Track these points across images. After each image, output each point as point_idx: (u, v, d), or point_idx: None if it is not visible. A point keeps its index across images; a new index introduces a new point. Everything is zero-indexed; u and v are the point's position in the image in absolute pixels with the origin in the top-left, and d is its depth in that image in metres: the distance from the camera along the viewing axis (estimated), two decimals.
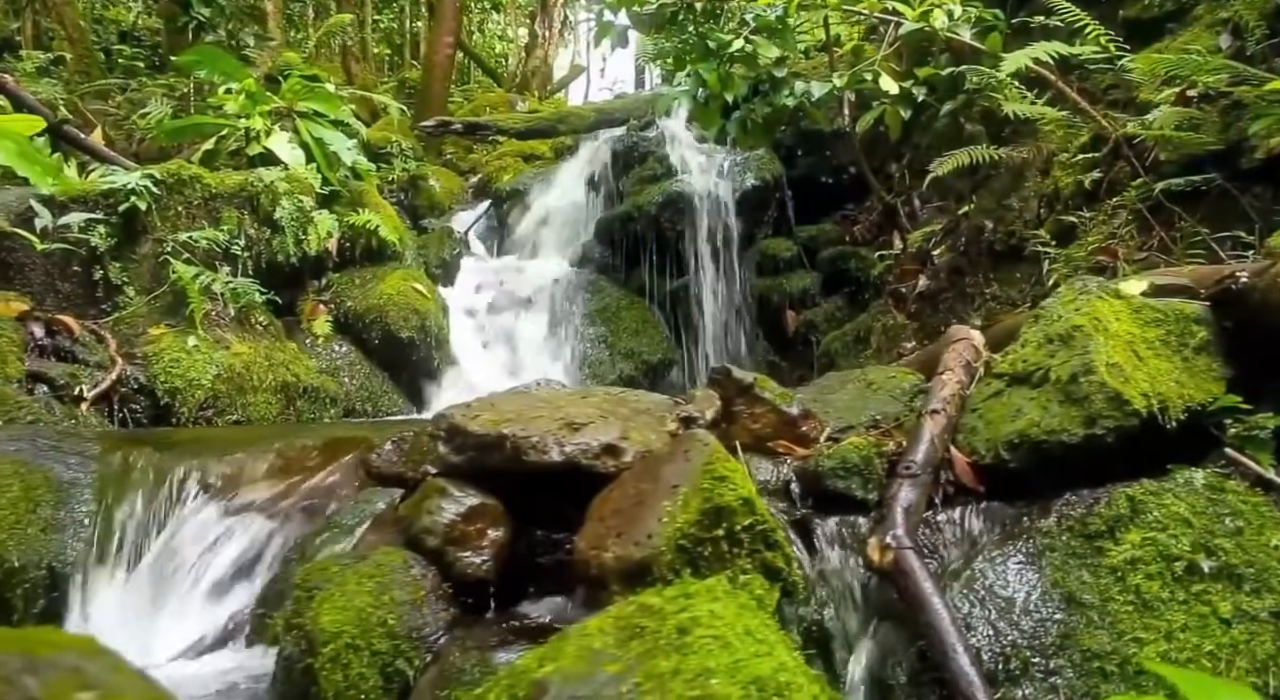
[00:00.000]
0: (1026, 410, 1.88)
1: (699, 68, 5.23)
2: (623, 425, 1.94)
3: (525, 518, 1.98)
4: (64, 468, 2.47)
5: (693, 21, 5.78)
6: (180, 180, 5.10)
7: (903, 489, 1.81)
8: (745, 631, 1.43)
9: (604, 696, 1.35)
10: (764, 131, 5.53)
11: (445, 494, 1.90)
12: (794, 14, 5.21)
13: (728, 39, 5.04)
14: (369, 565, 1.77)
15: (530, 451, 1.86)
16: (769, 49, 5.01)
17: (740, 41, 5.00)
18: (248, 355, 4.79)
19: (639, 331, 6.16)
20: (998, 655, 1.61)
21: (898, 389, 2.37)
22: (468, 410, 2.00)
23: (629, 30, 6.06)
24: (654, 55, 6.86)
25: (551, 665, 1.42)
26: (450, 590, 1.82)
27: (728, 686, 1.33)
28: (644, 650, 1.42)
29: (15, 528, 2.29)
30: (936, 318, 5.40)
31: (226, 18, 7.30)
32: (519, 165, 8.61)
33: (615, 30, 5.90)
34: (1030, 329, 2.08)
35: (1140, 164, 3.96)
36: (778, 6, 5.27)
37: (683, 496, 1.66)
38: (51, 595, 2.28)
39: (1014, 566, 1.71)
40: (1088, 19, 4.16)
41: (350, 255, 5.85)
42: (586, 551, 1.70)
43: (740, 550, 1.65)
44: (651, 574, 1.63)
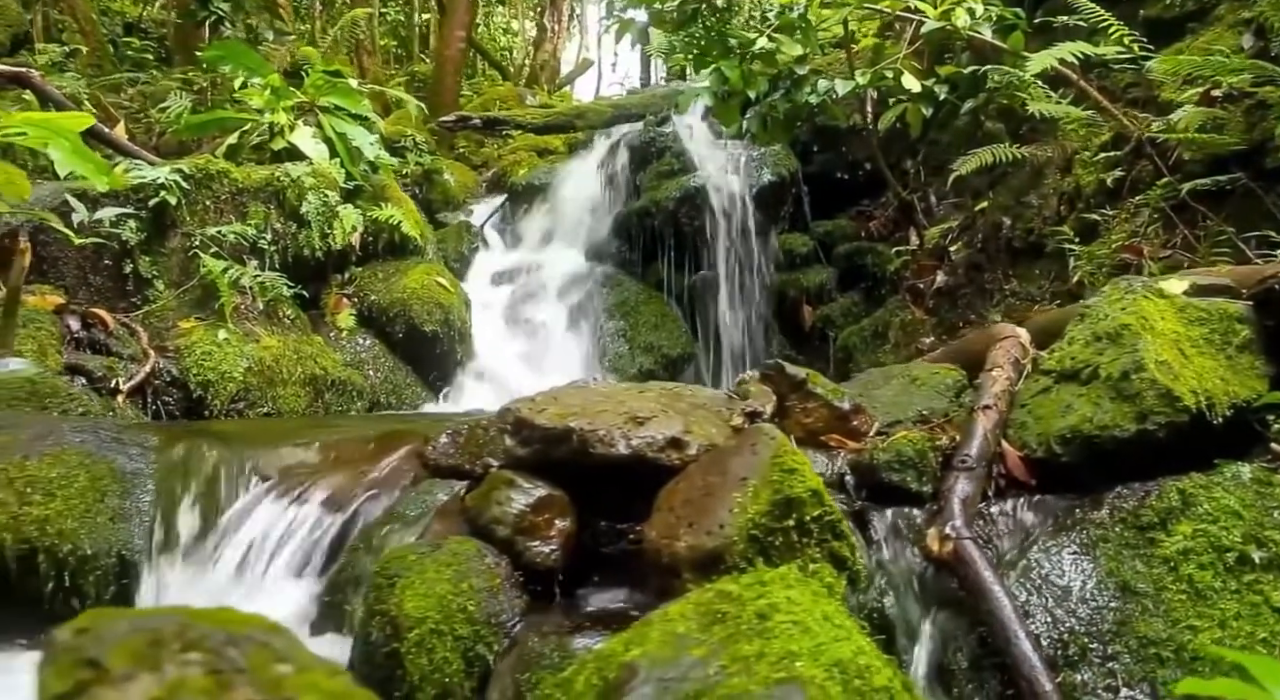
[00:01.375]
0: (1077, 406, 1.95)
1: (721, 65, 5.28)
2: (684, 419, 2.00)
3: (589, 509, 2.04)
4: (126, 459, 2.53)
5: (714, 19, 5.83)
6: (208, 175, 5.14)
7: (959, 481, 1.88)
8: (823, 617, 1.49)
9: (692, 678, 1.42)
10: (784, 128, 5.59)
11: (514, 485, 1.96)
12: (816, 13, 5.26)
13: (751, 37, 5.09)
14: (445, 554, 1.83)
15: (597, 444, 1.93)
16: (792, 47, 5.06)
17: (764, 39, 5.05)
18: (277, 348, 4.85)
19: (658, 326, 6.22)
20: (1056, 641, 1.68)
21: (941, 384, 2.43)
22: (533, 404, 2.06)
23: (648, 27, 6.11)
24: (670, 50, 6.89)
25: (638, 649, 1.48)
26: (521, 579, 1.89)
27: (811, 668, 1.39)
28: (726, 634, 1.48)
29: (85, 516, 2.35)
30: (955, 313, 5.47)
31: (245, 12, 7.33)
32: (533, 160, 8.65)
33: (635, 27, 5.95)
34: (1076, 327, 2.14)
35: (1163, 163, 4.02)
36: (800, 5, 5.32)
37: (752, 488, 1.73)
38: (121, 582, 2.35)
39: (1069, 556, 1.78)
40: (1111, 19, 4.21)
41: (373, 249, 5.90)
42: (658, 541, 1.77)
43: (809, 540, 1.71)
44: (724, 563, 1.69)
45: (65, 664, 0.83)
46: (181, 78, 7.90)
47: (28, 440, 2.46)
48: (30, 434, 2.49)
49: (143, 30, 12.14)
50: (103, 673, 0.80)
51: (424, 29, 15.22)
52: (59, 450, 2.46)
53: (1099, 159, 4.42)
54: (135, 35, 11.61)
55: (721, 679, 1.41)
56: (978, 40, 4.91)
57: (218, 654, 0.81)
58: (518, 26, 19.81)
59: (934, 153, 6.50)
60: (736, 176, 6.78)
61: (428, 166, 8.39)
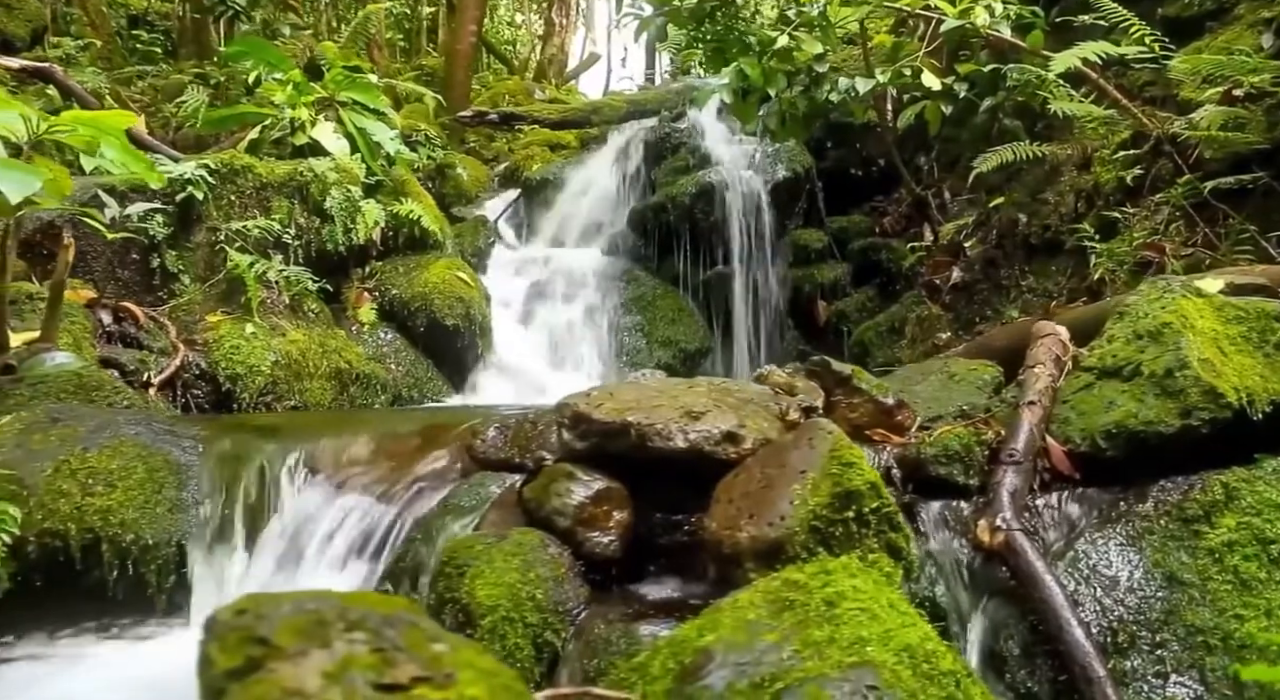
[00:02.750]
0: (1120, 402, 2.01)
1: (741, 62, 5.32)
2: (737, 414, 2.06)
3: (643, 500, 2.10)
4: (180, 451, 2.59)
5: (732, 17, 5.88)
6: (233, 170, 5.19)
7: (1007, 475, 1.94)
8: (889, 604, 1.56)
9: (766, 662, 1.48)
10: (803, 125, 5.64)
11: (573, 478, 2.02)
12: (835, 11, 5.31)
13: (772, 35, 5.13)
14: (510, 544, 1.89)
15: (655, 438, 1.99)
16: (812, 44, 5.11)
17: (784, 37, 5.10)
18: (303, 342, 4.90)
19: (675, 320, 6.28)
20: (1105, 629, 1.75)
21: (979, 380, 2.49)
22: (589, 399, 2.12)
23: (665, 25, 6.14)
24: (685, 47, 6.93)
25: (712, 635, 1.54)
26: (582, 568, 1.95)
27: (882, 653, 1.46)
28: (796, 621, 1.55)
29: (145, 507, 2.41)
30: (971, 309, 5.53)
31: (261, 6, 7.36)
32: (546, 155, 8.69)
33: (655, 24, 5.99)
34: (1116, 325, 2.20)
35: (1183, 161, 4.08)
36: (819, 3, 5.37)
37: (812, 481, 1.79)
38: (180, 571, 2.41)
39: (1115, 547, 1.85)
40: (1132, 18, 4.26)
41: (393, 244, 5.94)
42: (719, 532, 1.83)
43: (868, 531, 1.77)
44: (785, 553, 1.75)
45: (232, 642, 0.88)
46: (196, 71, 7.93)
47: (86, 433, 2.52)
48: (88, 427, 2.55)
49: (149, 23, 12.15)
50: (273, 649, 0.86)
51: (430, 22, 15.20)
52: (117, 442, 2.52)
53: (1118, 157, 4.47)
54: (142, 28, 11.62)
55: (795, 663, 1.47)
56: (996, 38, 4.96)
57: (377, 633, 0.87)
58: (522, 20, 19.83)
59: (947, 149, 6.55)
60: (751, 172, 6.82)
61: (441, 161, 8.44)
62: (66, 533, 2.33)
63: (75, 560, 2.34)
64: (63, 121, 2.96)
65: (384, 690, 0.83)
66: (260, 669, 0.84)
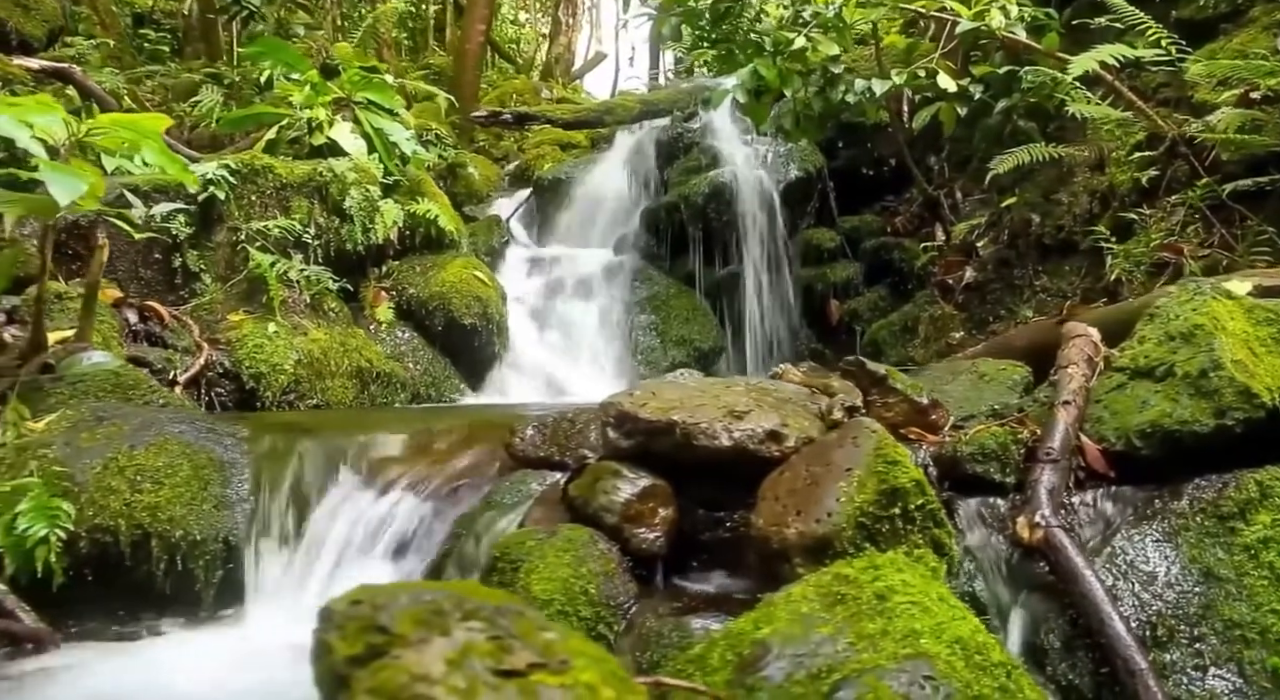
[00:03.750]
0: (1154, 402, 2.05)
1: (757, 63, 5.37)
2: (779, 413, 2.11)
3: (685, 497, 2.15)
4: (223, 449, 2.64)
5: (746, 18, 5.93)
6: (254, 170, 5.24)
7: (1045, 472, 1.99)
8: (939, 598, 1.61)
9: (822, 653, 1.53)
10: (817, 125, 5.69)
11: (619, 475, 2.07)
12: (851, 13, 5.35)
13: (789, 36, 5.17)
14: (561, 540, 1.94)
15: (700, 437, 2.03)
16: (829, 46, 5.15)
17: (801, 39, 5.14)
18: (324, 341, 4.95)
19: (689, 319, 6.33)
20: (1144, 623, 1.79)
21: (1009, 380, 2.54)
22: (633, 398, 2.17)
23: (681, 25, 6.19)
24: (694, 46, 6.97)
25: (768, 627, 1.59)
26: (629, 564, 2.00)
27: (935, 645, 1.51)
28: (849, 614, 1.59)
29: (192, 504, 2.46)
30: (985, 309, 5.57)
31: (276, 6, 7.39)
32: (556, 154, 8.74)
33: (670, 24, 6.04)
34: (1147, 326, 2.25)
35: (1199, 163, 4.12)
36: (835, 4, 5.41)
37: (858, 479, 1.84)
38: (227, 566, 2.46)
39: (1151, 544, 1.89)
40: (1148, 21, 4.30)
41: (410, 243, 5.99)
42: (766, 528, 1.87)
43: (913, 527, 1.82)
44: (833, 549, 1.80)
45: (352, 630, 0.93)
46: (208, 71, 7.96)
47: (132, 431, 2.57)
48: (133, 425, 2.60)
49: (154, 22, 12.17)
50: (395, 638, 0.90)
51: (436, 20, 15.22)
52: (162, 440, 2.56)
53: (1133, 158, 4.51)
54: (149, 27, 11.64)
55: (850, 655, 1.52)
56: (1011, 40, 5.01)
57: (492, 622, 0.92)
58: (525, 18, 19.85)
59: (958, 149, 6.59)
60: (764, 172, 6.87)
61: (452, 160, 8.48)
62: (116, 528, 2.38)
63: (125, 555, 2.38)
64: (102, 124, 3.00)
65: (503, 676, 0.87)
66: (384, 656, 0.89)
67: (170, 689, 2.00)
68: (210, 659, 2.17)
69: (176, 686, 2.01)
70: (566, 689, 0.88)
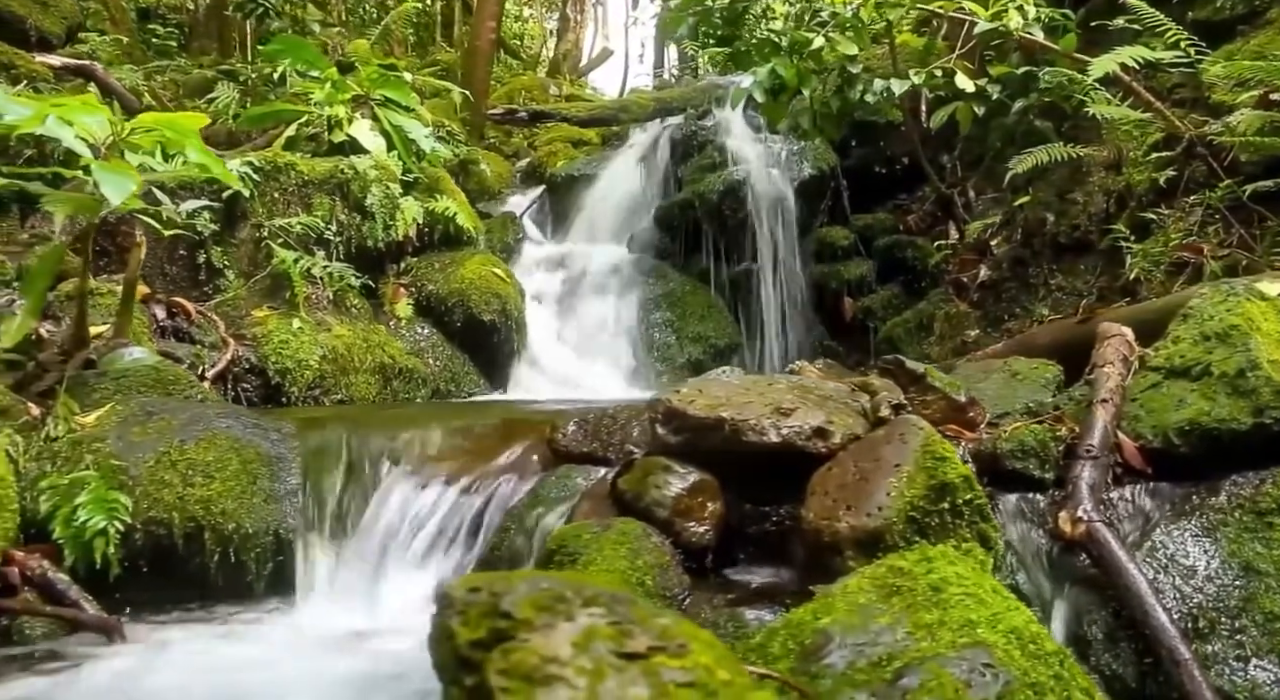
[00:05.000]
0: (1190, 401, 2.11)
1: (775, 63, 5.41)
2: (823, 410, 2.16)
3: (732, 492, 2.20)
4: (269, 443, 2.69)
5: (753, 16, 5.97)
6: (276, 167, 5.28)
7: (1085, 469, 2.04)
8: (992, 589, 1.66)
9: (882, 642, 1.58)
10: (835, 124, 5.74)
11: (670, 470, 2.12)
12: (869, 12, 5.40)
13: (808, 36, 5.22)
14: (615, 533, 1.99)
15: (749, 433, 2.09)
16: (847, 46, 5.20)
17: (820, 39, 5.18)
18: (348, 337, 5.00)
19: (705, 317, 6.38)
20: (1186, 615, 1.85)
21: (1042, 379, 2.59)
22: (680, 396, 2.22)
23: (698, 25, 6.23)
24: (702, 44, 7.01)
25: (827, 617, 1.65)
26: (680, 557, 2.05)
27: (991, 634, 1.56)
28: (905, 605, 1.65)
29: (242, 497, 2.51)
30: (1000, 307, 5.62)
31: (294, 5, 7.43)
32: (568, 151, 8.77)
33: (686, 22, 6.08)
34: (1181, 326, 2.30)
35: (1217, 164, 4.17)
36: (853, 4, 5.45)
37: (907, 474, 1.89)
38: (277, 559, 2.51)
39: (1190, 538, 1.95)
40: (1168, 23, 4.35)
41: (428, 240, 6.03)
42: (817, 521, 1.93)
43: (961, 521, 1.88)
44: (884, 542, 1.86)
45: (474, 616, 0.98)
46: (226, 68, 8.00)
47: (181, 426, 2.62)
48: (182, 420, 2.65)
49: (160, 17, 12.18)
50: (519, 622, 0.95)
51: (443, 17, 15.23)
52: (210, 435, 2.62)
53: (1150, 159, 4.56)
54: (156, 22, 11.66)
55: (910, 644, 1.58)
56: (1028, 41, 5.05)
57: (611, 608, 0.97)
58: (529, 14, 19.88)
59: (971, 148, 6.63)
60: (777, 170, 6.91)
61: (464, 157, 8.51)
62: (170, 521, 2.44)
63: (178, 547, 2.44)
64: (144, 123, 3.04)
65: (626, 658, 0.93)
66: (510, 639, 0.94)
67: (229, 678, 2.05)
68: (266, 649, 2.22)
69: (235, 676, 2.06)
70: (686, 670, 0.93)
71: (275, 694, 1.94)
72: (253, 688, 1.92)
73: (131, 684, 1.92)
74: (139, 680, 1.95)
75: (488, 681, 0.92)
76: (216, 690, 1.90)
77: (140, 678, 1.96)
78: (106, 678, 1.96)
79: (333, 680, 2.02)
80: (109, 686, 1.91)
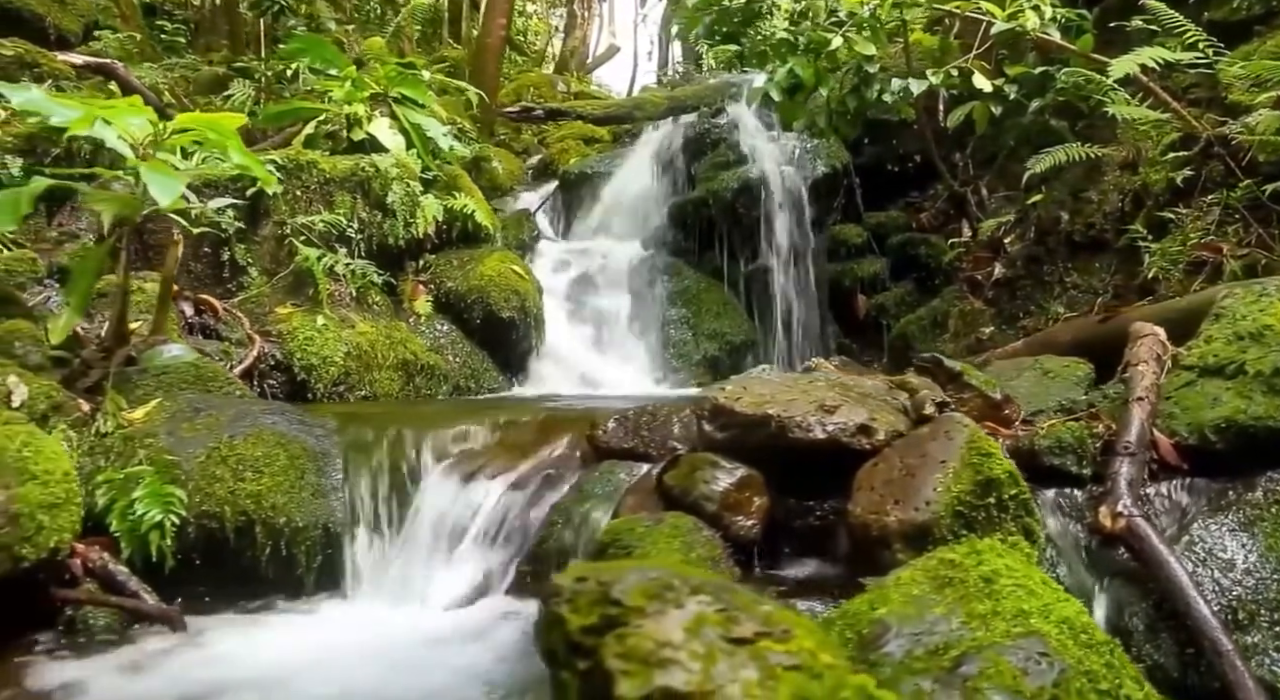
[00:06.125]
0: (1225, 399, 2.16)
1: (793, 63, 5.46)
2: (866, 408, 2.22)
3: (776, 487, 2.26)
4: (314, 439, 2.74)
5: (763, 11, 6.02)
6: (298, 165, 5.33)
7: (1124, 465, 2.09)
8: (1041, 581, 1.72)
9: (938, 632, 1.64)
10: (851, 123, 5.78)
11: (717, 466, 2.18)
12: (886, 12, 5.44)
13: (826, 37, 5.27)
14: (667, 527, 2.05)
15: (795, 429, 2.14)
16: (865, 46, 5.25)
17: (838, 39, 5.23)
18: (371, 334, 5.05)
19: (720, 313, 6.43)
20: (1225, 607, 1.90)
21: (1073, 377, 2.65)
22: (726, 393, 2.27)
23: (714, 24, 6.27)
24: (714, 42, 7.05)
25: (884, 608, 1.70)
26: (729, 550, 2.11)
27: (1044, 624, 1.62)
28: (958, 596, 1.70)
29: (291, 492, 2.57)
30: (1014, 305, 5.67)
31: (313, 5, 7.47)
32: (580, 148, 8.82)
33: (703, 22, 6.13)
34: (1213, 326, 2.36)
35: (1235, 163, 4.22)
36: (870, 4, 5.50)
37: (953, 470, 1.95)
38: (326, 552, 2.56)
39: (1228, 533, 2.01)
40: (1186, 23, 4.39)
41: (446, 238, 6.08)
42: (865, 516, 1.98)
43: (1006, 516, 1.93)
44: (932, 535, 1.91)
45: (584, 603, 1.04)
46: (240, 65, 8.04)
47: (228, 421, 2.67)
48: (229, 416, 2.70)
49: (167, 13, 12.20)
50: (630, 609, 1.01)
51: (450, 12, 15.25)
52: (258, 431, 2.67)
53: (1167, 158, 4.61)
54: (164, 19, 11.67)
55: (965, 633, 1.63)
56: (1044, 41, 5.10)
57: (717, 596, 1.02)
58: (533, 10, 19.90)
59: (983, 146, 6.67)
60: (791, 168, 6.96)
61: (476, 154, 8.55)
62: (222, 515, 2.49)
63: (230, 540, 2.49)
64: (185, 123, 3.09)
65: (734, 643, 0.98)
66: (622, 625, 1.00)
67: (287, 668, 2.10)
68: (321, 641, 2.27)
69: (292, 666, 2.11)
70: (791, 654, 0.98)
71: (340, 683, 1.99)
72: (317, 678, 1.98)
73: (203, 671, 1.98)
74: (209, 668, 2.00)
75: (605, 664, 0.97)
76: (283, 680, 1.96)
77: (209, 666, 2.02)
78: (177, 666, 2.01)
79: (390, 669, 2.07)
80: (179, 675, 1.96)
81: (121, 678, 1.97)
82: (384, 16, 12.42)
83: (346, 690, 1.89)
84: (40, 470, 2.11)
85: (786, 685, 0.95)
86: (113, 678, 1.96)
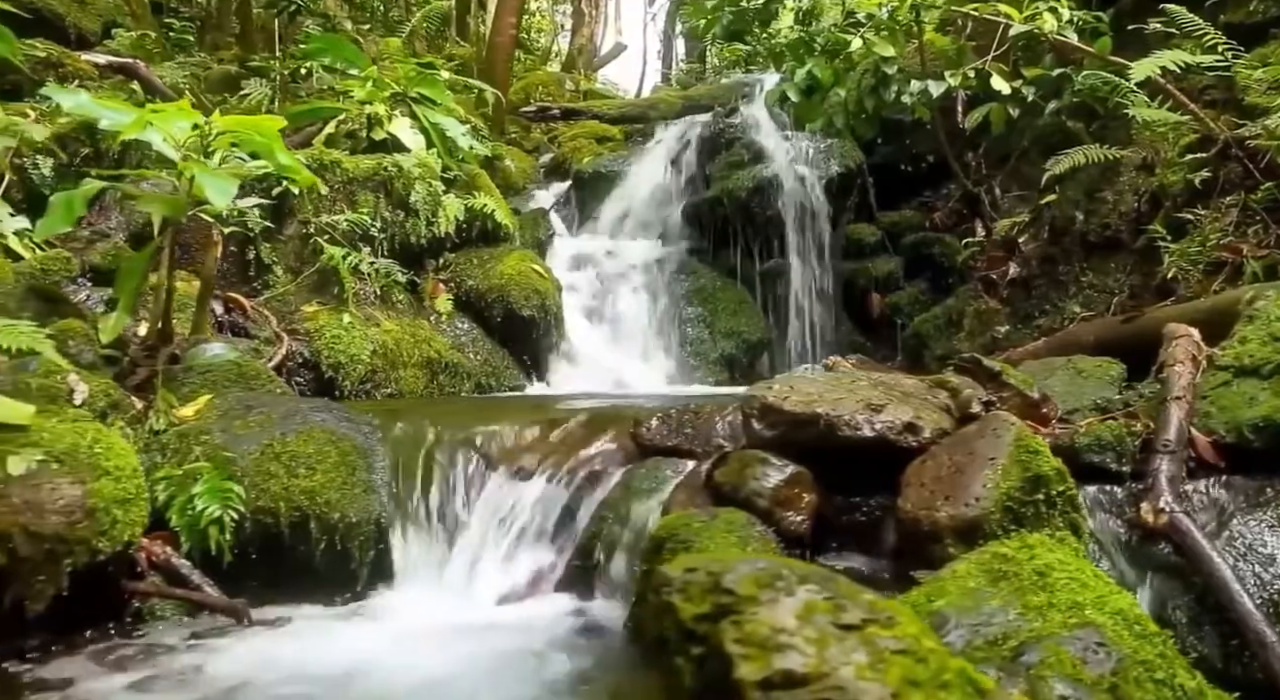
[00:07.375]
0: (1262, 398, 2.22)
1: (812, 64, 5.52)
2: (910, 406, 2.28)
3: (823, 484, 2.31)
4: (361, 436, 2.80)
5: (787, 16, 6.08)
6: (322, 165, 5.38)
7: (1164, 462, 2.16)
8: (1094, 575, 1.78)
9: (995, 623, 1.70)
10: (869, 124, 5.84)
11: (767, 463, 2.23)
12: (905, 14, 5.50)
13: (845, 38, 5.32)
14: (722, 523, 2.11)
15: (844, 428, 2.20)
16: (884, 48, 5.30)
17: (857, 40, 5.29)
18: (396, 332, 5.11)
19: (737, 312, 6.49)
20: (1267, 601, 1.97)
21: (1107, 376, 2.71)
22: (774, 392, 2.33)
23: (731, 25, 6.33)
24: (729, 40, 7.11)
25: (941, 600, 1.76)
26: (781, 545, 2.17)
27: (1099, 616, 1.68)
28: (1013, 589, 1.77)
29: (344, 488, 2.62)
30: (1029, 304, 5.73)
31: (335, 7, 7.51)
32: (593, 147, 8.87)
33: (720, 23, 6.18)
34: (1247, 328, 2.42)
35: (1253, 165, 4.28)
36: (889, 5, 5.55)
37: (1002, 467, 2.01)
38: (379, 547, 2.62)
39: (1268, 529, 2.07)
40: (1206, 27, 4.45)
41: (466, 236, 6.13)
42: (915, 512, 2.04)
43: (1054, 512, 1.99)
44: (982, 531, 1.97)
45: (695, 592, 1.10)
46: (255, 64, 8.08)
47: (279, 419, 2.73)
48: (279, 413, 2.76)
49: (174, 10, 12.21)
50: (741, 598, 1.07)
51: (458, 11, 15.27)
52: (308, 428, 2.72)
53: (1185, 160, 4.66)
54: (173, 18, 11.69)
55: (1022, 624, 1.69)
56: (1061, 43, 5.16)
57: (824, 585, 1.08)
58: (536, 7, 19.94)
59: (996, 146, 6.73)
60: (805, 167, 7.02)
61: (489, 153, 8.60)
62: (277, 510, 2.55)
63: (285, 535, 2.55)
64: (227, 125, 3.14)
65: (843, 629, 1.04)
66: (736, 613, 1.06)
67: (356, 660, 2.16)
68: (378, 634, 2.33)
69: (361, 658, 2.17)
70: (898, 639, 1.04)
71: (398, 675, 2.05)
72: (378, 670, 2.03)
73: (274, 662, 2.04)
74: (276, 659, 2.06)
75: (724, 649, 1.03)
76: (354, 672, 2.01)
77: (276, 656, 2.07)
78: (246, 656, 2.07)
79: (448, 662, 2.13)
80: (253, 666, 2.02)
81: (192, 668, 2.03)
82: (389, 15, 12.46)
83: (428, 680, 1.95)
84: (111, 466, 2.17)
85: (896, 668, 1.01)
86: (184, 667, 2.02)
